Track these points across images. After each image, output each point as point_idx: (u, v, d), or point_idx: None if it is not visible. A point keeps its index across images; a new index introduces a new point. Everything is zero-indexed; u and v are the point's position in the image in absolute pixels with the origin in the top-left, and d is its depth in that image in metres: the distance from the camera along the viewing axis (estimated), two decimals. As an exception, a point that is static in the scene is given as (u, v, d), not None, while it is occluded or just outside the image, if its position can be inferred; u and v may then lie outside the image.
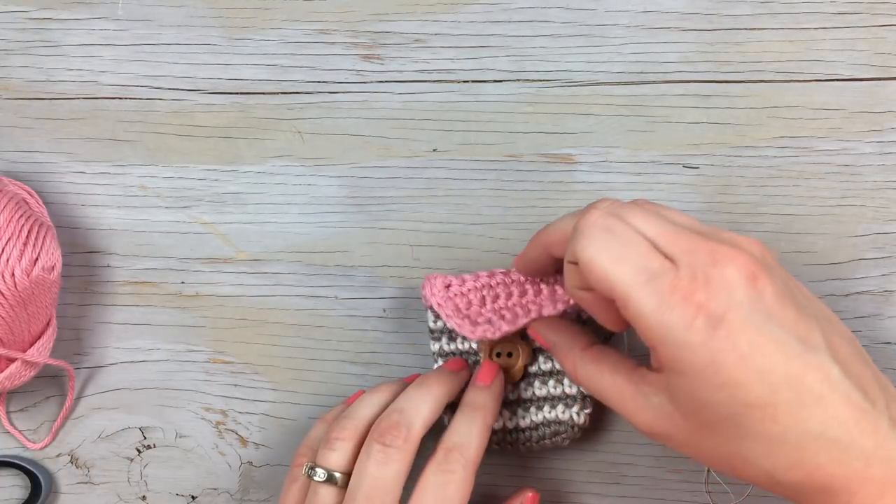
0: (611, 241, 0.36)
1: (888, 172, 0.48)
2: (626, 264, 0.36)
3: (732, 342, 0.34)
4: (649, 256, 0.36)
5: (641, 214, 0.37)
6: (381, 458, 0.41)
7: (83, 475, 0.51)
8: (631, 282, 0.35)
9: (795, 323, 0.35)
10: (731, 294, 0.35)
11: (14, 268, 0.43)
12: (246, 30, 0.50)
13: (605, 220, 0.37)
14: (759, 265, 0.35)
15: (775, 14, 0.48)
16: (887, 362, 0.48)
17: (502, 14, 0.49)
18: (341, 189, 0.50)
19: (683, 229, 0.37)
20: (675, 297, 0.34)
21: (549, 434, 0.46)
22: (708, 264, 0.35)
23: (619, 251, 0.36)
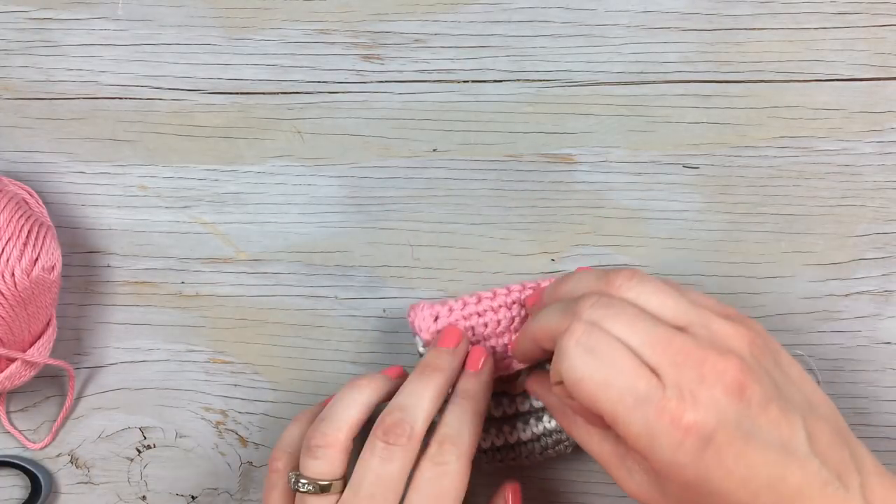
0: (595, 362, 0.36)
1: (888, 172, 0.48)
2: (612, 387, 0.36)
3: (720, 459, 0.35)
4: (635, 376, 0.36)
5: (625, 320, 0.37)
6: (386, 455, 0.40)
7: (83, 475, 0.51)
8: (618, 405, 0.36)
9: (779, 425, 0.36)
10: (718, 413, 0.35)
11: (14, 268, 0.43)
12: (246, 30, 0.50)
13: (588, 339, 0.37)
14: (746, 372, 0.36)
15: (775, 14, 0.48)
16: (887, 362, 0.48)
17: (502, 14, 0.49)
18: (341, 189, 0.50)
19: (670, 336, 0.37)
20: (662, 421, 0.35)
21: (552, 444, 0.47)
22: (695, 381, 0.35)
23: (604, 373, 0.36)
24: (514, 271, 0.49)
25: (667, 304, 0.38)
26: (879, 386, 0.48)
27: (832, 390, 0.48)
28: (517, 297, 0.46)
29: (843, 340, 0.48)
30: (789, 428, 0.36)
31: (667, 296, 0.38)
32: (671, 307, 0.38)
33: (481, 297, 0.46)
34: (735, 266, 0.48)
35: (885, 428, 0.48)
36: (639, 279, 0.39)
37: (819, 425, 0.37)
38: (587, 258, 0.49)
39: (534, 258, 0.49)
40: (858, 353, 0.48)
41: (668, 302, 0.38)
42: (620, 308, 0.37)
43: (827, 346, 0.48)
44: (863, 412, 0.48)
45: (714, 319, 0.38)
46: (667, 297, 0.38)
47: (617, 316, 0.37)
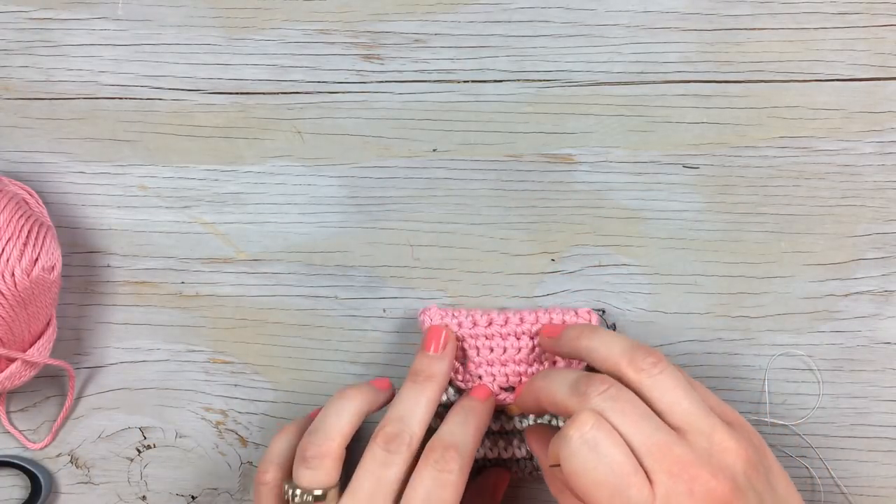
0: (593, 460, 0.37)
1: (888, 172, 0.48)
2: (605, 488, 0.37)
3: None
4: (630, 483, 0.37)
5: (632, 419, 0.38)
6: (387, 459, 0.41)
7: (83, 475, 0.51)
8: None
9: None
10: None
11: (14, 268, 0.43)
12: (246, 30, 0.50)
13: (594, 434, 0.38)
14: (734, 493, 0.37)
15: (775, 14, 0.48)
16: (887, 362, 0.48)
17: (502, 14, 0.49)
18: (341, 189, 0.50)
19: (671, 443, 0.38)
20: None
21: None
22: (684, 494, 0.37)
23: (601, 473, 0.37)
24: (514, 271, 0.49)
25: (679, 404, 0.39)
26: (879, 386, 0.48)
27: (832, 390, 0.48)
28: (528, 328, 0.46)
29: (843, 340, 0.48)
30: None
31: (682, 395, 0.39)
32: (682, 408, 0.39)
33: (493, 321, 0.46)
34: (735, 266, 0.48)
35: (885, 428, 0.48)
36: (661, 369, 0.40)
37: None
38: (587, 258, 0.49)
39: (534, 258, 0.49)
40: (858, 353, 0.48)
41: (682, 402, 0.39)
42: (630, 405, 0.38)
43: (827, 346, 0.48)
44: (863, 412, 0.48)
45: (717, 430, 0.39)
46: (682, 396, 0.39)
47: (624, 413, 0.38)
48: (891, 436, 0.49)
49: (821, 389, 0.48)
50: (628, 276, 0.49)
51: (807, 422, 0.48)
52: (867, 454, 0.49)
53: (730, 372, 0.49)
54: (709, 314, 0.49)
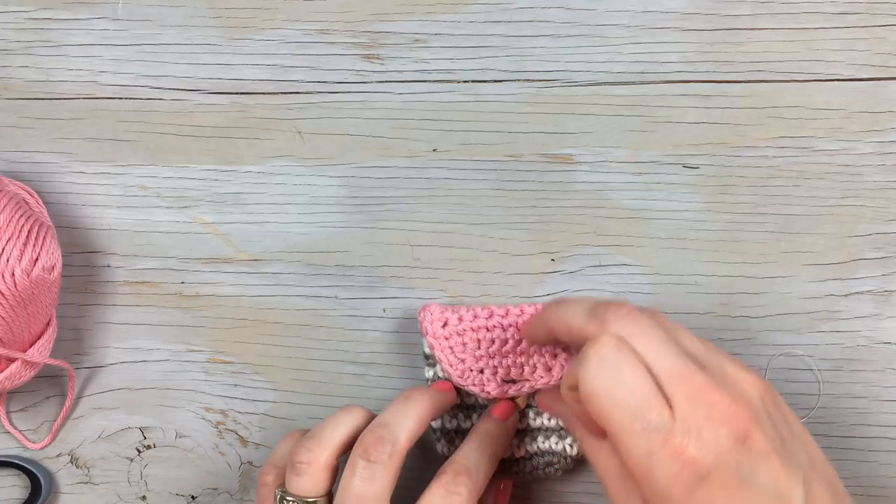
0: (614, 380, 0.37)
1: (888, 172, 0.48)
2: (625, 409, 0.36)
3: (711, 498, 0.35)
4: (649, 404, 0.36)
5: (653, 342, 0.38)
6: (367, 474, 0.40)
7: (83, 475, 0.51)
8: (626, 427, 0.36)
9: (778, 477, 0.36)
10: (719, 454, 0.35)
11: (14, 268, 0.43)
12: (246, 30, 0.50)
13: (615, 355, 0.37)
14: (753, 421, 0.36)
15: (775, 14, 0.48)
16: (887, 362, 0.48)
17: (502, 14, 0.49)
18: (341, 189, 0.50)
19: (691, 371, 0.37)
20: (664, 451, 0.36)
21: (543, 464, 0.47)
22: (704, 418, 0.36)
23: (621, 394, 0.37)
24: (514, 271, 0.49)
25: (689, 341, 0.39)
26: (879, 386, 0.48)
27: (832, 390, 0.48)
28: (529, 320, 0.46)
29: (843, 340, 0.48)
30: (788, 482, 0.36)
31: (686, 335, 0.39)
32: (692, 344, 0.39)
33: (493, 313, 0.46)
34: (735, 266, 0.48)
35: (885, 428, 0.48)
36: (661, 318, 0.39)
37: (818, 485, 0.37)
38: (587, 258, 0.49)
39: (534, 258, 0.49)
40: (858, 353, 0.48)
41: (689, 339, 0.39)
42: (651, 330, 0.38)
43: (827, 346, 0.48)
44: (863, 412, 0.48)
45: (727, 364, 0.38)
46: (686, 336, 0.39)
47: (646, 336, 0.38)
48: (891, 436, 0.48)
49: (821, 389, 0.48)
50: (628, 276, 0.49)
51: (807, 422, 0.48)
52: (867, 454, 0.49)
53: (730, 372, 0.49)
54: (709, 314, 0.49)
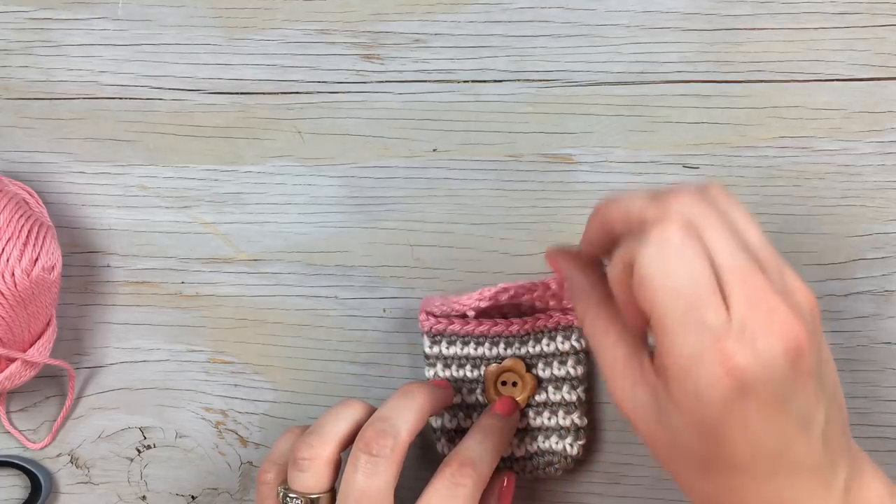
0: (676, 265, 0.34)
1: (888, 172, 0.48)
2: (682, 300, 0.34)
3: (745, 417, 0.34)
4: (708, 301, 0.34)
5: (720, 232, 0.35)
6: (370, 469, 0.40)
7: (83, 475, 0.51)
8: (679, 319, 0.34)
9: (809, 401, 0.35)
10: (768, 369, 0.33)
11: (14, 268, 0.43)
12: (246, 30, 0.50)
13: (682, 238, 0.34)
14: (807, 341, 0.34)
15: (775, 14, 0.48)
16: (887, 362, 0.48)
17: (502, 14, 0.49)
18: (341, 189, 0.50)
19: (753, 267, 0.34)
20: (713, 353, 0.33)
21: (543, 464, 0.47)
22: (761, 327, 0.34)
23: (681, 282, 0.34)
24: (514, 271, 0.49)
25: (753, 235, 0.36)
26: (879, 386, 0.48)
27: (832, 390, 0.48)
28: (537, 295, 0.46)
29: (843, 340, 0.48)
30: (816, 406, 0.35)
31: (754, 229, 0.36)
32: (755, 239, 0.36)
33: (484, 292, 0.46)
34: (735, 266, 0.48)
35: (885, 428, 0.48)
36: (732, 198, 0.36)
37: (836, 413, 0.36)
38: (587, 258, 0.49)
39: (534, 258, 0.49)
40: (858, 353, 0.48)
41: (754, 233, 0.36)
42: (718, 217, 0.35)
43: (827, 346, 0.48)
44: (863, 412, 0.48)
45: (787, 269, 0.36)
46: (754, 228, 0.36)
47: (713, 225, 0.35)
48: (891, 436, 0.48)
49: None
50: (628, 276, 0.49)
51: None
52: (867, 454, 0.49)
53: (730, 372, 0.49)
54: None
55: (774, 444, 0.34)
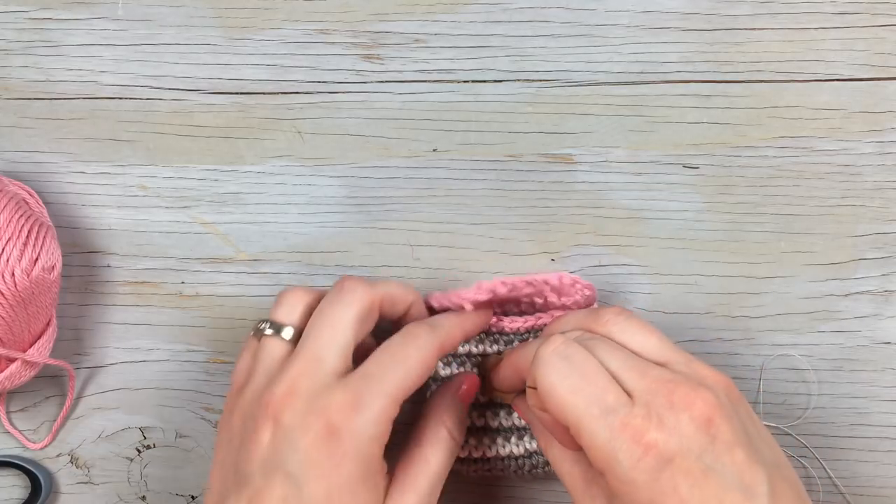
0: (569, 371, 0.37)
1: (888, 172, 0.48)
2: (582, 395, 0.37)
3: (675, 486, 0.35)
4: (606, 389, 0.37)
5: (605, 348, 0.38)
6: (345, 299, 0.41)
7: (83, 475, 0.51)
8: (585, 413, 0.36)
9: (742, 469, 0.35)
10: (681, 438, 0.35)
11: (14, 268, 0.43)
12: (246, 30, 0.50)
13: (566, 349, 0.38)
14: (716, 409, 0.36)
15: (775, 14, 0.48)
16: (887, 362, 0.48)
17: (502, 14, 0.49)
18: (341, 189, 0.50)
19: (648, 366, 0.37)
20: (625, 435, 0.35)
21: (542, 463, 0.47)
22: (664, 406, 0.36)
23: (576, 382, 0.37)
24: (515, 271, 0.49)
25: (650, 342, 0.39)
26: (879, 386, 0.48)
27: (832, 390, 0.48)
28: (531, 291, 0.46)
29: (843, 340, 0.48)
30: (752, 476, 0.35)
31: (651, 335, 0.39)
32: (654, 345, 0.39)
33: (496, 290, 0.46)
34: (735, 266, 0.48)
35: (885, 428, 0.48)
36: (626, 316, 0.40)
37: (784, 486, 0.36)
38: (587, 258, 0.49)
39: (534, 258, 0.49)
40: (858, 353, 0.48)
41: (651, 340, 0.39)
42: (604, 342, 0.39)
43: (827, 346, 0.48)
44: (863, 412, 0.48)
45: (694, 361, 0.39)
46: (651, 336, 0.39)
47: (597, 344, 0.39)
48: (891, 436, 0.49)
49: (820, 389, 0.48)
50: (628, 275, 0.49)
51: (806, 422, 0.48)
52: (867, 454, 0.49)
53: (730, 372, 0.48)
54: (709, 314, 0.49)
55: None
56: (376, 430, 0.39)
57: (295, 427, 0.39)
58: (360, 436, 0.38)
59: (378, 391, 0.39)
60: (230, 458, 0.41)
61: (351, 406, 0.39)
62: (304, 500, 0.38)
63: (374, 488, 0.39)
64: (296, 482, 0.38)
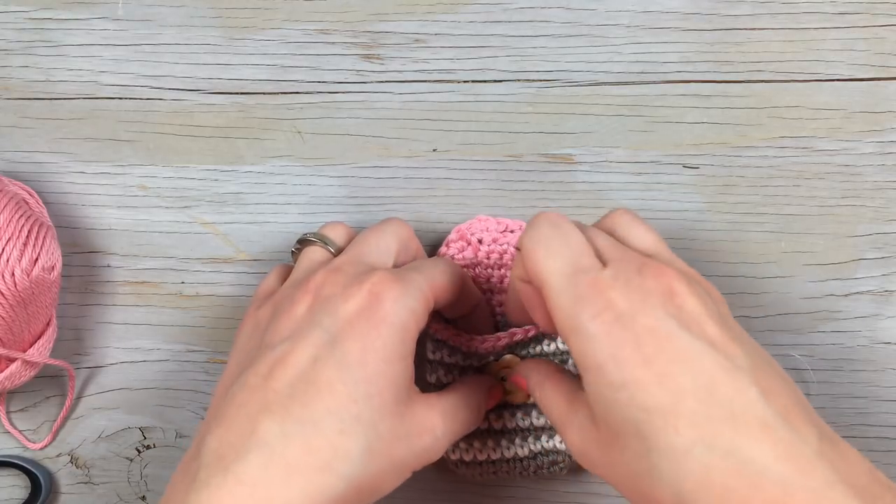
0: (553, 236, 0.37)
1: (888, 172, 0.48)
2: (559, 258, 0.36)
3: (636, 341, 0.33)
4: (583, 253, 0.37)
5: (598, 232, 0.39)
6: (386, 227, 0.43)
7: (83, 475, 0.51)
8: (557, 273, 0.36)
9: (714, 340, 0.34)
10: (645, 300, 0.34)
11: (14, 268, 0.43)
12: (246, 30, 0.50)
13: (558, 219, 0.38)
14: (684, 284, 0.35)
15: (775, 14, 0.48)
16: (887, 362, 0.48)
17: (502, 14, 0.49)
18: (341, 189, 0.50)
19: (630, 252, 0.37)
20: (590, 291, 0.35)
21: (547, 463, 0.47)
22: (633, 272, 0.35)
23: (557, 246, 0.37)
24: (514, 271, 0.49)
25: (647, 239, 0.39)
26: (879, 386, 0.48)
27: (832, 390, 0.48)
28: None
29: (843, 340, 0.48)
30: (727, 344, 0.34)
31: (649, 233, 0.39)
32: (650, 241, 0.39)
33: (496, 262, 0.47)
34: (735, 266, 0.48)
35: (885, 428, 0.48)
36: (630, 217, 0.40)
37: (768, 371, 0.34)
38: (587, 258, 0.49)
39: (534, 258, 0.49)
40: (858, 353, 0.48)
41: (648, 237, 0.39)
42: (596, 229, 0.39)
43: (827, 346, 0.48)
44: (863, 412, 0.48)
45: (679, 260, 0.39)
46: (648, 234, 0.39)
47: (590, 228, 0.39)
48: (891, 436, 0.49)
49: (820, 389, 0.48)
50: (628, 276, 0.49)
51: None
52: (867, 454, 0.48)
53: (730, 372, 0.49)
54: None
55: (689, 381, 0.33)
56: (416, 305, 0.38)
57: (335, 296, 0.38)
58: (402, 304, 0.38)
59: (419, 275, 0.40)
60: (253, 341, 0.40)
61: (394, 279, 0.39)
62: (338, 359, 0.37)
63: (405, 370, 0.38)
64: (331, 340, 0.37)
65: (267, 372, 0.37)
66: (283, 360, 0.37)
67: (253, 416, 0.36)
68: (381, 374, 0.37)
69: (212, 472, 0.35)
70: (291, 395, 0.36)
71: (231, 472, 0.35)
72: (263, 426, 0.35)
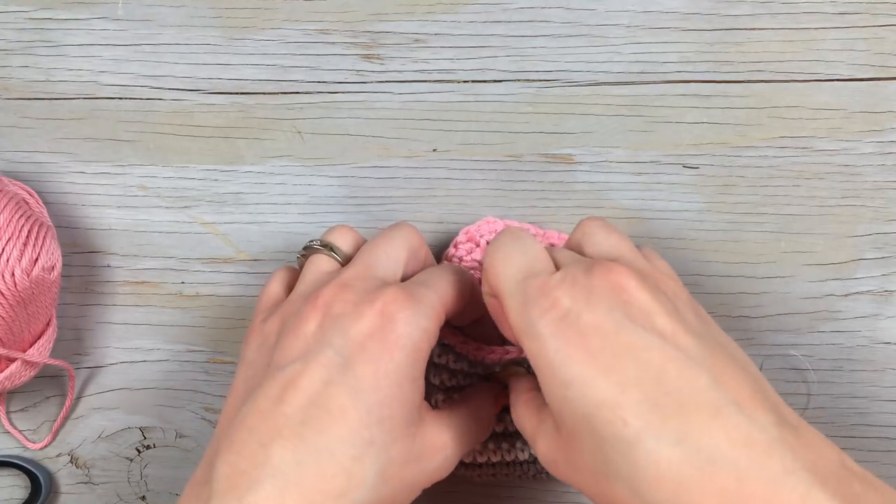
0: (512, 247, 0.38)
1: (888, 172, 0.48)
2: (514, 265, 0.37)
3: (581, 337, 0.34)
4: (537, 261, 0.37)
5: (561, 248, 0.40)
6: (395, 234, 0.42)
7: (83, 475, 0.51)
8: (511, 279, 0.37)
9: (665, 333, 0.34)
10: (591, 297, 0.35)
11: (14, 268, 0.43)
12: (246, 30, 0.50)
13: (520, 233, 0.39)
14: (632, 279, 0.35)
15: (775, 14, 0.48)
16: (887, 362, 0.48)
17: (502, 14, 0.49)
18: (341, 189, 0.50)
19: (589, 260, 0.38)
20: (538, 293, 0.35)
21: None
22: (581, 272, 0.36)
23: (514, 255, 0.37)
24: (514, 271, 0.49)
25: (608, 242, 0.39)
26: (879, 386, 0.48)
27: (832, 390, 0.48)
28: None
29: (843, 340, 0.48)
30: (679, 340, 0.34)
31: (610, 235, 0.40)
32: (610, 244, 0.39)
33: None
34: (735, 266, 0.48)
35: (885, 428, 0.48)
36: (597, 225, 0.40)
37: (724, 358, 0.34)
38: (587, 258, 0.49)
39: (534, 258, 0.49)
40: (858, 353, 0.48)
41: (609, 239, 0.39)
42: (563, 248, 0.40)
43: (827, 346, 0.48)
44: (863, 412, 0.48)
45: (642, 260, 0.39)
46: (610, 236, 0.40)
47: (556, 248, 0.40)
48: (891, 436, 0.49)
49: (820, 389, 0.48)
50: (628, 276, 0.49)
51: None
52: (867, 454, 0.49)
53: (730, 372, 0.49)
54: (709, 314, 0.49)
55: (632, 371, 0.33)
56: (429, 324, 0.38)
57: (346, 314, 0.37)
58: (414, 325, 0.37)
59: (430, 292, 0.39)
60: (262, 358, 0.39)
61: (405, 297, 0.38)
62: (350, 384, 0.36)
63: (417, 391, 0.38)
64: (343, 363, 0.36)
65: (277, 395, 0.36)
66: (294, 383, 0.36)
67: (265, 443, 0.35)
68: (393, 398, 0.37)
69: (225, 501, 0.34)
70: (304, 420, 0.35)
71: (245, 503, 0.34)
72: (277, 454, 0.35)
